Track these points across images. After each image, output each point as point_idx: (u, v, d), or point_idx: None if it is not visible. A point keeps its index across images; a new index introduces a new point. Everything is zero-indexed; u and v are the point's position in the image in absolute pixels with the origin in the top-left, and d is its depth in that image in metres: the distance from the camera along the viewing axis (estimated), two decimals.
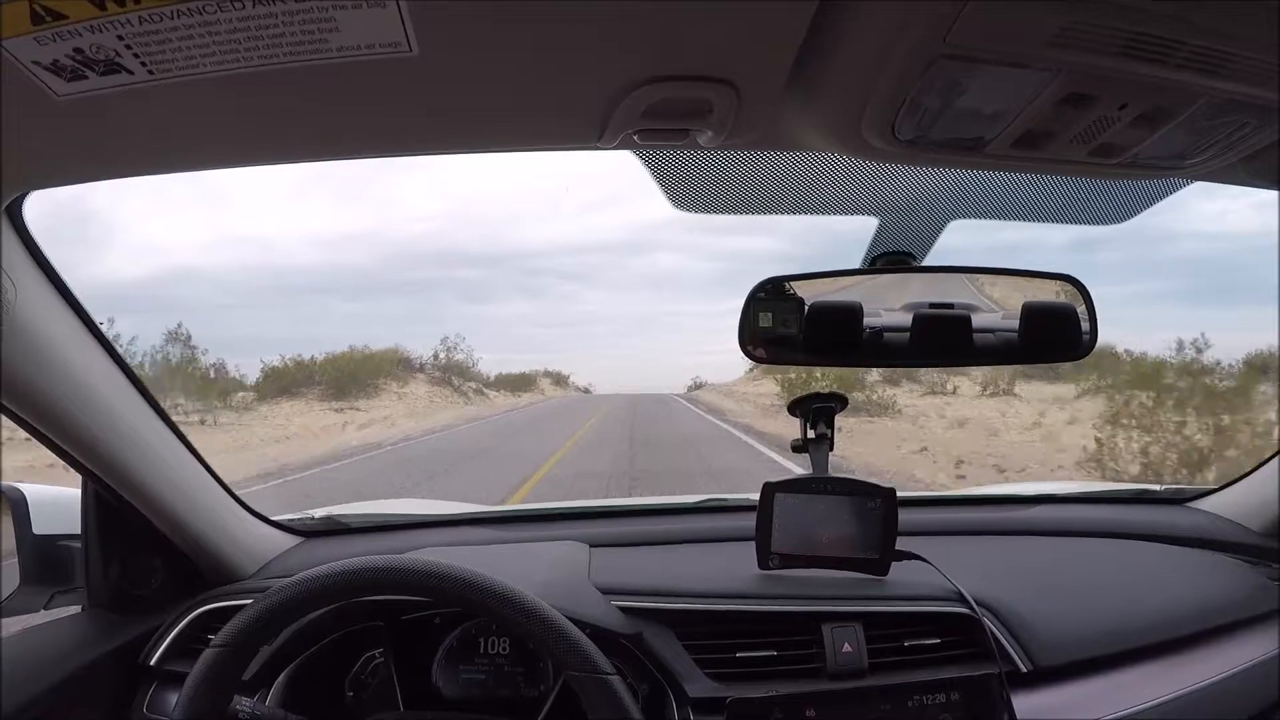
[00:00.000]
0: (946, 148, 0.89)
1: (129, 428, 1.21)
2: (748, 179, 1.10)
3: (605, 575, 1.39)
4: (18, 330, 0.99)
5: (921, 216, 1.24)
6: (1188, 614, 1.43)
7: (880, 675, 1.27)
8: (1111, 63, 0.72)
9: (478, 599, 1.06)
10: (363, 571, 1.07)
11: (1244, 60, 0.73)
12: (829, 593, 1.35)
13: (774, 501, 1.38)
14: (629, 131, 0.84)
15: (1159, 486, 1.99)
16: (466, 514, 1.87)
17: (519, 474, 10.50)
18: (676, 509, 1.93)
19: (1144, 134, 0.86)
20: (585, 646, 1.04)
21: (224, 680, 1.04)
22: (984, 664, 1.28)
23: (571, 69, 0.75)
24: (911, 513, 1.59)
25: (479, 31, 0.67)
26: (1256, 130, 0.88)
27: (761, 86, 0.78)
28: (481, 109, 0.82)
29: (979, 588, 1.35)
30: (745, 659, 1.29)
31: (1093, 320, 1.28)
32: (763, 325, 1.28)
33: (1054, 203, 1.23)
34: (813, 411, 1.44)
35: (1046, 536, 1.72)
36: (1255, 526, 1.69)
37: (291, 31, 0.64)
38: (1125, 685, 1.32)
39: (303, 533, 1.69)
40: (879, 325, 1.29)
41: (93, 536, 1.35)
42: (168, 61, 0.67)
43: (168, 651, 1.35)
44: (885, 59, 0.72)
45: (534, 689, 1.35)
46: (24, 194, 0.95)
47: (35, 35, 0.62)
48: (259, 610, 1.06)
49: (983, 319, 1.30)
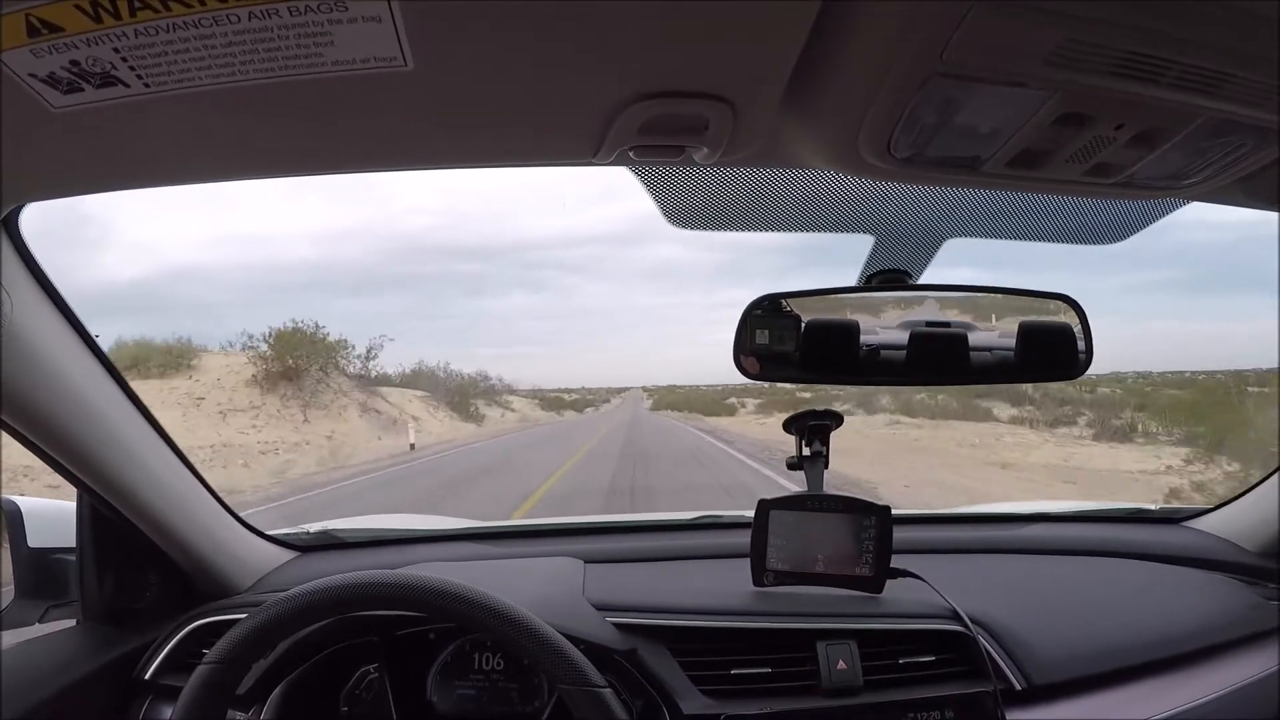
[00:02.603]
0: (942, 166, 0.89)
1: (124, 441, 1.21)
2: (743, 196, 1.10)
3: (600, 591, 1.39)
4: (13, 343, 0.99)
5: (917, 234, 1.24)
6: (1183, 633, 1.42)
7: (875, 693, 1.27)
8: (1108, 82, 0.72)
9: (472, 614, 1.06)
10: (358, 586, 1.07)
11: (1241, 80, 0.73)
12: (824, 610, 1.34)
13: (769, 518, 1.38)
14: (625, 147, 0.85)
15: (1154, 505, 1.99)
16: (462, 529, 1.87)
17: None
18: (671, 525, 1.92)
19: (1140, 154, 0.86)
20: (577, 660, 1.04)
21: (218, 695, 1.04)
22: (978, 682, 1.28)
23: (567, 85, 0.75)
24: (906, 530, 1.59)
25: (474, 47, 0.67)
26: (1254, 151, 0.88)
27: (757, 103, 0.78)
28: (476, 124, 0.82)
29: (974, 605, 1.35)
30: (740, 676, 1.28)
31: (1088, 339, 1.28)
32: (759, 342, 1.28)
33: (1049, 222, 1.23)
34: (808, 429, 1.44)
35: (1041, 555, 1.71)
36: (1250, 546, 1.69)
37: (287, 45, 0.64)
38: (1120, 704, 1.31)
39: (297, 547, 1.69)
40: (875, 343, 1.29)
41: (88, 550, 1.35)
42: (163, 74, 0.67)
43: (162, 666, 1.34)
44: (881, 77, 0.72)
45: (529, 705, 1.35)
46: (20, 206, 0.95)
47: (31, 47, 0.62)
48: (253, 625, 1.05)
49: (979, 337, 1.30)
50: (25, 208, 0.96)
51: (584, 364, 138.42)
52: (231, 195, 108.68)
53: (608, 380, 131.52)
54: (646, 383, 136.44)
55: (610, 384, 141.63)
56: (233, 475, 14.52)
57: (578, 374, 77.25)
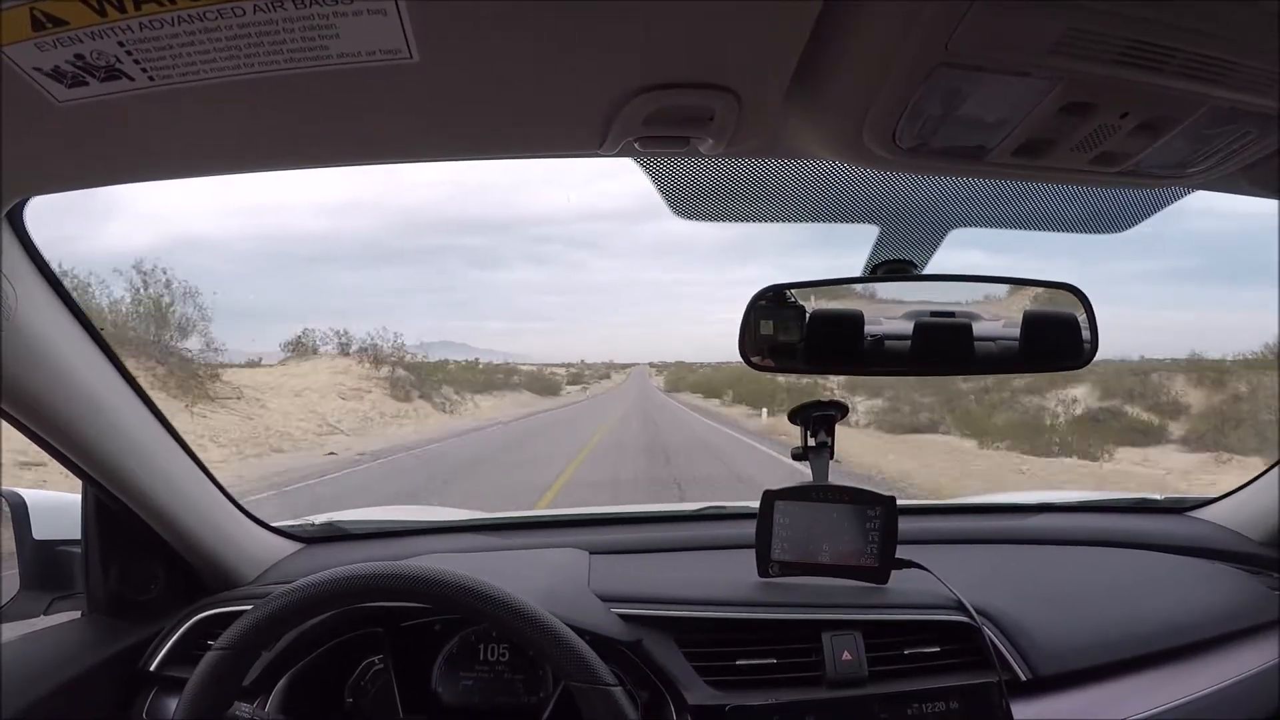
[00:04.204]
0: (947, 156, 0.89)
1: (129, 433, 1.22)
2: (748, 187, 1.10)
3: (605, 582, 1.39)
4: (18, 335, 0.99)
5: (922, 224, 1.24)
6: (1187, 623, 1.42)
7: (880, 683, 1.27)
8: (1112, 70, 0.72)
9: (479, 606, 1.06)
10: (365, 577, 1.07)
11: (1244, 68, 0.73)
12: (829, 600, 1.34)
13: (774, 509, 1.38)
14: (630, 139, 0.84)
15: (1159, 495, 1.99)
16: (467, 521, 1.88)
17: None
18: (676, 516, 1.93)
19: (1145, 142, 0.86)
20: (588, 657, 1.05)
21: (225, 683, 1.05)
22: (983, 673, 1.28)
23: (572, 77, 0.75)
24: (911, 521, 1.59)
25: (479, 39, 0.67)
26: (1257, 139, 0.88)
27: (763, 94, 0.78)
28: (481, 116, 0.82)
29: (979, 596, 1.35)
30: (745, 667, 1.29)
31: (1093, 329, 1.27)
32: (764, 333, 1.28)
33: (1055, 211, 1.23)
34: (813, 420, 1.44)
35: (1046, 545, 1.71)
36: (1255, 536, 1.69)
37: (292, 38, 0.64)
38: (1124, 694, 1.31)
39: (303, 539, 1.69)
40: (880, 333, 1.29)
41: (93, 542, 1.35)
42: (168, 68, 0.67)
43: (167, 657, 1.35)
44: (887, 67, 0.72)
45: (533, 695, 1.35)
46: (25, 199, 0.95)
47: (36, 41, 0.62)
48: (263, 614, 1.06)
49: (984, 327, 1.30)
50: (30, 201, 0.96)
51: (590, 340, 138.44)
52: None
53: (616, 355, 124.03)
54: (653, 359, 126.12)
55: (615, 359, 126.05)
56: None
57: (584, 349, 75.41)
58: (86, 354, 1.13)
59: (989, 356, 1.31)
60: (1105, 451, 16.04)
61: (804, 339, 1.29)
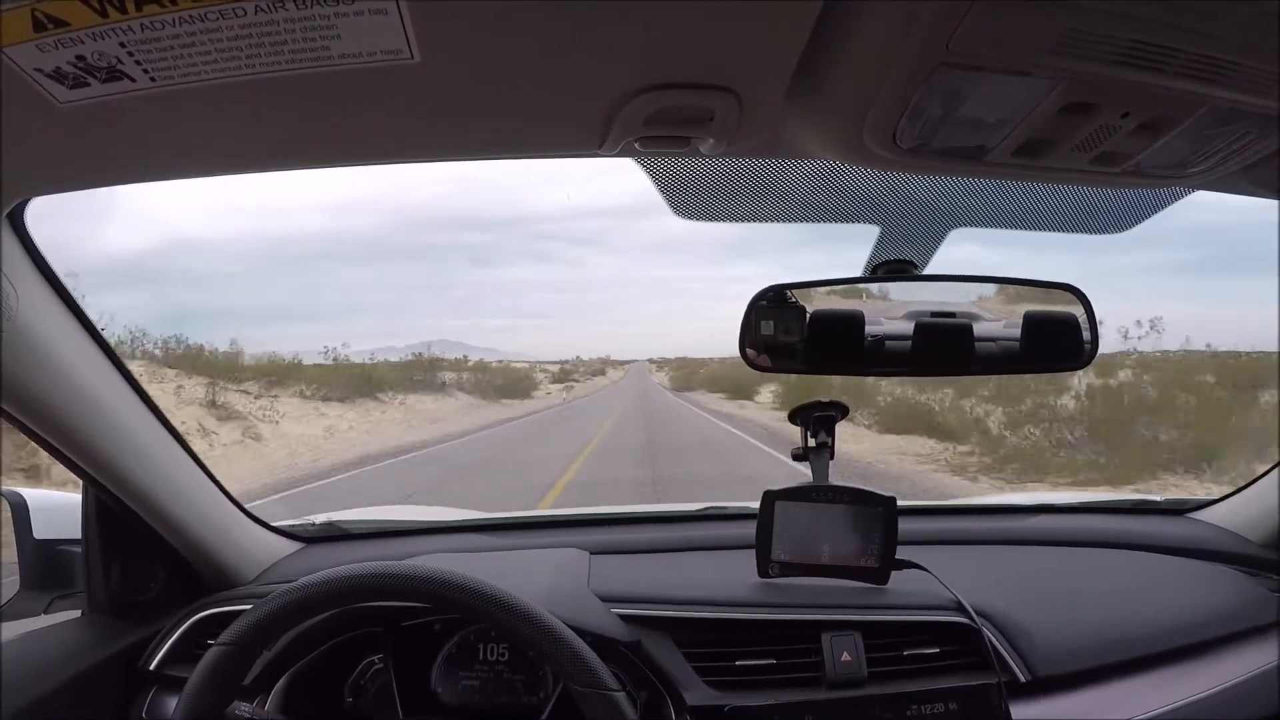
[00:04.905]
0: (948, 156, 0.89)
1: (130, 433, 1.22)
2: (748, 187, 1.10)
3: (605, 583, 1.39)
4: (19, 336, 0.99)
5: (923, 224, 1.24)
6: (1187, 625, 1.42)
7: (879, 684, 1.27)
8: (1113, 71, 0.72)
9: (479, 606, 1.06)
10: (366, 577, 1.07)
11: (1245, 69, 0.73)
12: (828, 601, 1.34)
13: (774, 510, 1.38)
14: (630, 139, 0.84)
15: (1159, 497, 1.99)
16: (467, 521, 1.88)
17: None
18: (676, 516, 1.93)
19: (1145, 142, 0.86)
20: (590, 660, 1.05)
21: (226, 680, 1.05)
22: (983, 674, 1.28)
23: (573, 77, 0.75)
24: (911, 522, 1.59)
25: (479, 40, 0.67)
26: (1258, 139, 0.88)
27: (763, 94, 0.78)
28: (482, 117, 0.82)
29: (978, 597, 1.35)
30: (744, 667, 1.28)
31: (1093, 329, 1.27)
32: (764, 333, 1.28)
33: (1055, 211, 1.23)
34: (813, 420, 1.44)
35: (1046, 546, 1.71)
36: (1255, 538, 1.68)
37: (293, 39, 0.64)
38: (1124, 696, 1.31)
39: (303, 538, 1.69)
40: (880, 334, 1.29)
41: (93, 541, 1.35)
42: (170, 69, 0.67)
43: (167, 656, 1.35)
44: (887, 66, 0.72)
45: (533, 696, 1.35)
46: (26, 200, 0.95)
47: (37, 42, 0.62)
48: (264, 612, 1.06)
49: (984, 328, 1.29)
50: (31, 202, 0.96)
51: (588, 337, 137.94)
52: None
53: (615, 353, 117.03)
54: (653, 355, 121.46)
55: (613, 355, 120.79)
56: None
57: (582, 346, 74.73)
58: (87, 354, 1.13)
59: (989, 357, 1.31)
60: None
61: (804, 339, 1.28)
